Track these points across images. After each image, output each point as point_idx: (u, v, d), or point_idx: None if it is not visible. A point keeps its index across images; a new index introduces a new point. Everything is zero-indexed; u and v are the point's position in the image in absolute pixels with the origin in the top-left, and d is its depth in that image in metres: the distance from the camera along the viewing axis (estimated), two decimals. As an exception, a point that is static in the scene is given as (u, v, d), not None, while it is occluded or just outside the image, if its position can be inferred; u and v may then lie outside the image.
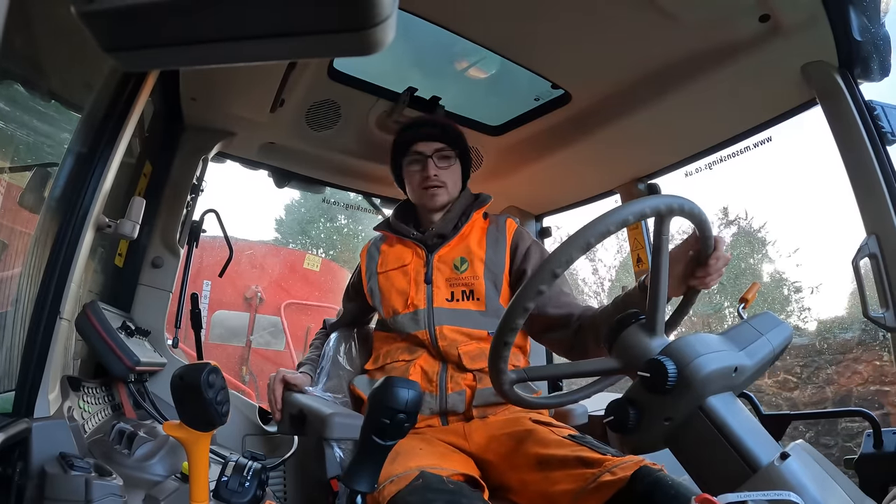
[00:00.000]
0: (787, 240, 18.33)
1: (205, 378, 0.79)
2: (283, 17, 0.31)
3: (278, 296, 7.44)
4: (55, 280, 0.98)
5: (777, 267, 12.68)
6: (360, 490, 0.74)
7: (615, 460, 1.10)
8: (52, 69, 1.19)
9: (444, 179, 1.57)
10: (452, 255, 1.53)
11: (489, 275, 1.50)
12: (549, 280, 0.87)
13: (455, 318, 1.45)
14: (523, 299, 0.89)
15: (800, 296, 11.97)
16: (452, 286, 1.49)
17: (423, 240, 1.57)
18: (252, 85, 1.67)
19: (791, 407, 6.52)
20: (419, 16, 1.44)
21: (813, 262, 15.46)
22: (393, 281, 1.54)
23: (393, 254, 1.60)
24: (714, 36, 1.41)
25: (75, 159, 1.11)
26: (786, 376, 6.80)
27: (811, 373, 6.68)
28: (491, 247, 1.55)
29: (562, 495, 1.10)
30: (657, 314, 0.91)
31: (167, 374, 1.71)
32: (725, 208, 13.31)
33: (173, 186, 1.86)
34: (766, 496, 0.68)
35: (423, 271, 1.52)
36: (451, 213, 1.58)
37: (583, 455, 1.14)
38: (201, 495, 0.84)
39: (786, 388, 6.77)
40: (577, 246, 0.87)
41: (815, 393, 6.53)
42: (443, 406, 1.39)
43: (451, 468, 1.11)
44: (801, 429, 6.15)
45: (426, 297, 1.48)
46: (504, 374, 0.99)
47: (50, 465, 0.84)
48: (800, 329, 10.31)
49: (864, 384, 6.21)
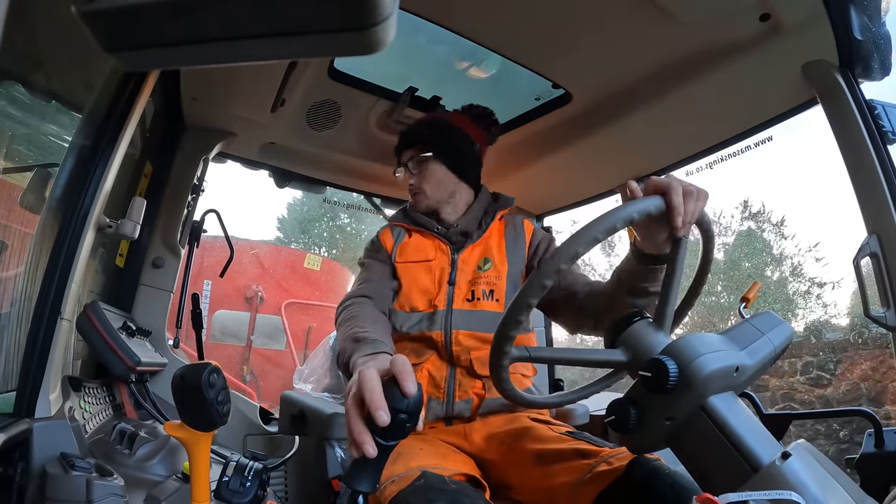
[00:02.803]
0: (808, 234, 18.25)
1: (206, 378, 0.79)
2: (283, 16, 0.31)
3: (279, 295, 7.45)
4: (56, 280, 0.98)
5: (796, 261, 12.67)
6: (362, 490, 0.74)
7: (612, 451, 1.10)
8: (52, 69, 1.19)
9: (421, 185, 1.54)
10: (476, 254, 1.50)
11: (511, 275, 1.47)
12: (553, 276, 0.87)
13: (471, 321, 1.41)
14: (527, 296, 0.90)
15: (821, 290, 11.97)
16: (473, 285, 1.45)
17: (448, 235, 1.52)
18: (253, 85, 1.68)
19: (824, 405, 6.45)
20: (420, 15, 1.44)
21: (835, 257, 15.44)
22: (415, 275, 1.48)
23: (413, 245, 1.53)
24: (714, 35, 1.41)
25: (76, 159, 1.11)
26: (819, 373, 6.72)
27: (845, 368, 6.60)
28: (511, 247, 1.52)
29: (560, 487, 1.10)
30: (666, 311, 0.91)
31: (168, 374, 1.72)
32: (746, 201, 13.34)
33: (174, 187, 1.86)
34: (767, 496, 0.68)
35: (448, 271, 1.47)
36: (472, 212, 1.55)
37: (580, 447, 1.14)
38: (202, 495, 0.84)
39: (819, 385, 6.69)
40: (584, 241, 0.87)
41: (849, 391, 6.45)
42: (449, 413, 1.37)
43: (453, 468, 1.11)
44: (834, 426, 6.08)
45: (447, 298, 1.43)
46: (507, 381, 0.99)
47: (51, 465, 0.84)
48: (831, 325, 10.23)
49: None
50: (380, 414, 0.71)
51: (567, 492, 1.08)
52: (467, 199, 1.58)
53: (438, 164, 1.54)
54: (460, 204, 1.57)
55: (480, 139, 1.62)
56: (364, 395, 0.74)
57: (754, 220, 13.24)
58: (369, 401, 0.72)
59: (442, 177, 1.54)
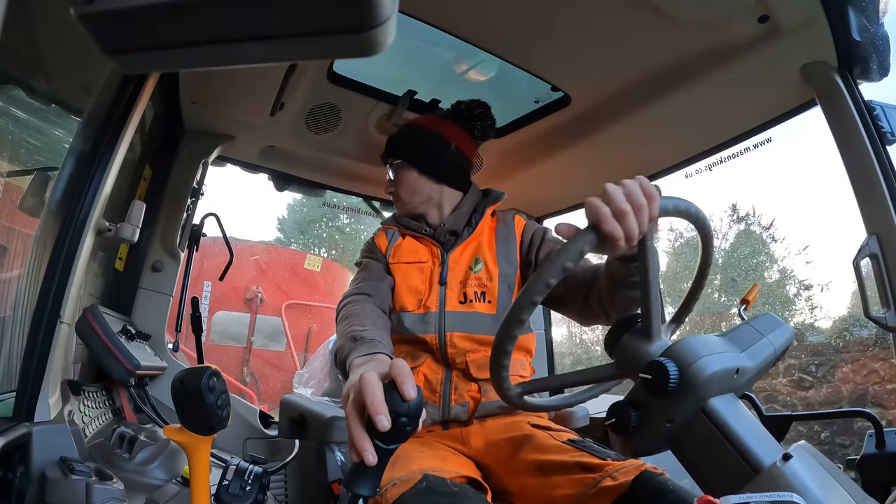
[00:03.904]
0: (797, 237, 18.28)
1: (205, 382, 0.79)
2: (282, 18, 0.31)
3: (279, 296, 7.45)
4: (55, 284, 0.98)
5: (786, 264, 12.69)
6: (362, 494, 0.74)
7: (616, 464, 1.09)
8: (52, 72, 1.19)
9: (397, 192, 1.56)
10: (467, 254, 1.49)
11: (502, 276, 1.46)
12: (544, 291, 0.87)
13: (465, 323, 1.40)
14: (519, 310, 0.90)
15: (809, 293, 11.98)
16: (465, 287, 1.44)
17: (436, 236, 1.52)
18: (252, 88, 1.68)
19: (807, 407, 6.49)
20: (419, 18, 1.44)
21: (823, 259, 15.39)
22: (406, 275, 1.48)
23: (406, 247, 1.53)
24: (713, 37, 1.41)
25: (75, 163, 1.11)
26: (801, 375, 6.76)
27: (827, 371, 6.64)
28: (501, 246, 1.50)
29: (562, 500, 1.09)
30: (651, 316, 0.91)
31: (168, 377, 1.72)
32: (735, 205, 13.36)
33: (173, 190, 1.86)
34: (768, 497, 0.68)
35: (438, 271, 1.47)
36: (461, 210, 1.54)
37: (583, 460, 1.13)
38: (202, 499, 0.84)
39: (801, 388, 6.73)
40: (569, 257, 0.86)
41: (830, 392, 6.49)
42: (445, 416, 1.36)
43: (454, 470, 1.11)
44: (816, 428, 6.12)
45: (438, 300, 1.43)
46: (508, 385, 0.99)
47: (50, 469, 0.84)
48: (815, 327, 10.27)
49: (881, 382, 6.19)
50: (380, 419, 0.70)
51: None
52: (453, 200, 1.56)
53: (411, 169, 1.54)
54: (445, 206, 1.55)
55: (459, 137, 1.58)
56: (365, 399, 0.73)
57: (743, 223, 13.29)
58: (370, 405, 0.72)
59: (415, 182, 1.54)
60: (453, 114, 1.63)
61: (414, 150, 1.55)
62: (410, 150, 1.56)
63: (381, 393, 0.73)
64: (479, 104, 1.64)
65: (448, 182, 1.56)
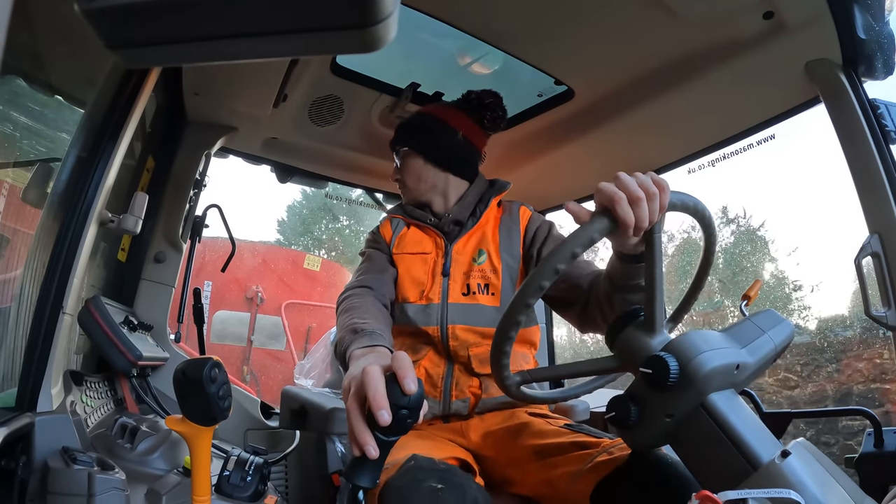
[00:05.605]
0: (787, 238, 18.32)
1: (207, 373, 0.79)
2: (285, 14, 0.31)
3: (279, 296, 7.46)
4: (58, 275, 0.99)
5: (777, 266, 12.71)
6: (363, 485, 0.74)
7: (612, 441, 1.10)
8: (54, 65, 1.19)
9: (403, 178, 1.57)
10: (470, 245, 1.48)
11: (506, 268, 1.45)
12: (552, 276, 0.87)
13: (468, 315, 1.39)
14: (525, 296, 0.90)
15: (800, 294, 12.00)
16: (469, 278, 1.43)
17: (440, 226, 1.51)
18: (255, 80, 1.67)
19: (791, 405, 6.53)
20: (422, 11, 1.44)
21: (812, 260, 15.43)
22: (409, 266, 1.47)
23: (411, 237, 1.53)
24: (717, 33, 1.41)
25: (78, 154, 1.11)
26: (786, 374, 6.81)
27: (812, 371, 6.69)
28: (504, 237, 1.49)
29: (560, 477, 1.10)
30: (655, 309, 0.91)
31: (169, 368, 1.72)
32: (725, 207, 13.35)
33: (176, 181, 1.86)
34: (766, 494, 0.68)
35: (441, 262, 1.46)
36: (466, 200, 1.53)
37: (579, 440, 1.14)
38: (203, 490, 0.84)
39: (787, 387, 6.78)
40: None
41: (815, 391, 6.53)
42: (446, 411, 1.36)
43: (444, 455, 1.11)
44: (801, 427, 6.17)
45: (441, 291, 1.42)
46: (507, 373, 1.00)
47: (53, 459, 0.84)
48: (801, 327, 10.31)
49: (865, 382, 6.22)
50: (382, 414, 0.71)
51: (567, 481, 1.08)
52: (458, 189, 1.56)
53: (417, 157, 1.55)
54: (451, 195, 1.55)
55: (467, 127, 1.58)
56: (367, 393, 0.73)
57: (734, 223, 13.28)
58: (372, 400, 0.72)
59: (421, 169, 1.54)
60: (463, 103, 1.62)
61: (420, 137, 1.56)
62: (417, 137, 1.56)
63: (384, 387, 0.74)
64: (490, 94, 1.63)
65: (454, 170, 1.56)
